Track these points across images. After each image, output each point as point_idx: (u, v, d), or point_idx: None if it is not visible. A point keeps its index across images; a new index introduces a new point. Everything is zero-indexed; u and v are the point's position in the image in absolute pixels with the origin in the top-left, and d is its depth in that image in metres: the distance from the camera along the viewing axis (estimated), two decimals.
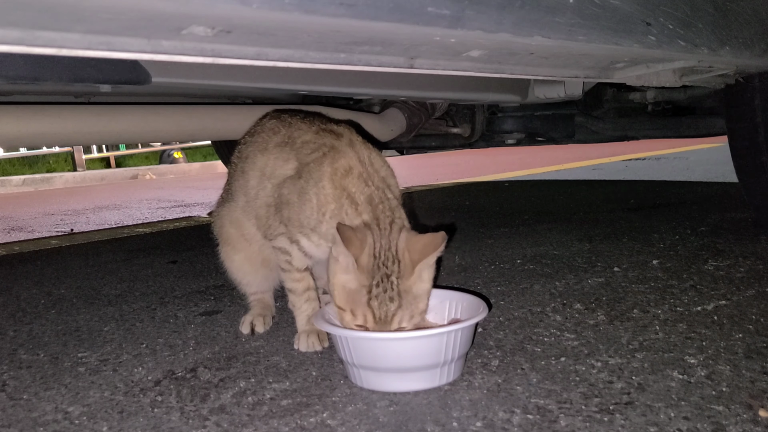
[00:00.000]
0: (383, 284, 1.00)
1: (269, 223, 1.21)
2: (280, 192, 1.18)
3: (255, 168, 1.25)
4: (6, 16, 0.74)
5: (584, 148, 7.37)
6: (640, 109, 2.58)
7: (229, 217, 1.35)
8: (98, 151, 10.60)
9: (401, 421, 0.88)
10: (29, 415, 0.99)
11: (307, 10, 0.82)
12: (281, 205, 1.17)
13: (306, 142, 1.20)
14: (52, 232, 3.65)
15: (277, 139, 1.25)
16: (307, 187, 1.12)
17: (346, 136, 1.18)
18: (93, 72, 1.08)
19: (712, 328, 1.17)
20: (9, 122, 1.55)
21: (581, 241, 2.03)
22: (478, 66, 1.27)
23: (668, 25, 1.24)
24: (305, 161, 1.16)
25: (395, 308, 1.00)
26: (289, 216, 1.16)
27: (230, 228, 1.35)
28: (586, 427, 0.84)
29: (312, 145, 1.18)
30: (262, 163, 1.24)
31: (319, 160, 1.13)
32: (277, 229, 1.19)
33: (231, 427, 0.90)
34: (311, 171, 1.13)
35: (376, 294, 1.00)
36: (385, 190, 1.10)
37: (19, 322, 1.52)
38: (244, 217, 1.30)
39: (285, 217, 1.16)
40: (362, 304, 1.00)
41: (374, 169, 1.12)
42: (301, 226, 1.14)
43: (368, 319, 1.00)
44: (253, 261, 1.35)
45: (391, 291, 1.00)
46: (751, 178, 1.99)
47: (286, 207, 1.16)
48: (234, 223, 1.34)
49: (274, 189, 1.20)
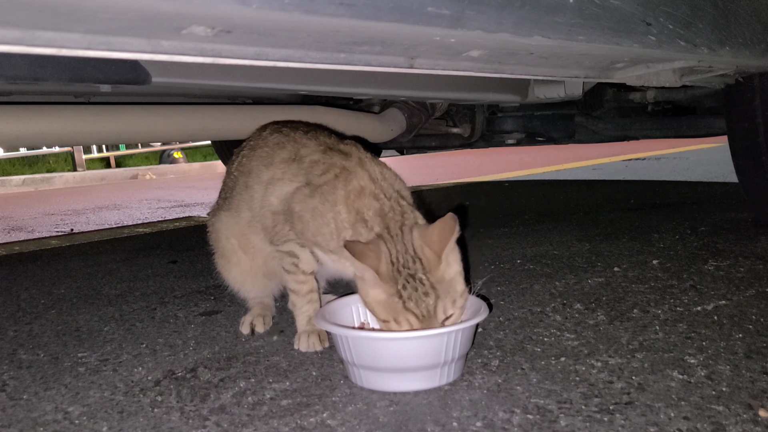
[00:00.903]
0: (412, 284, 0.99)
1: (276, 230, 1.21)
2: (289, 207, 1.18)
3: (260, 182, 1.24)
4: (6, 16, 0.74)
5: (584, 148, 7.37)
6: (640, 109, 2.58)
7: (231, 230, 1.34)
8: (98, 151, 10.60)
9: (401, 421, 0.88)
10: (29, 415, 0.99)
11: (307, 10, 0.82)
12: (293, 219, 1.17)
13: (315, 162, 1.19)
14: (52, 232, 3.65)
15: (284, 155, 1.24)
16: (323, 209, 1.12)
17: (355, 154, 1.17)
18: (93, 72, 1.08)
19: (712, 328, 1.17)
20: (9, 122, 1.55)
21: (581, 241, 2.03)
22: (478, 66, 1.27)
23: (668, 25, 1.24)
24: (317, 183, 1.16)
25: (434, 301, 0.99)
26: (302, 231, 1.16)
27: (231, 240, 1.34)
28: (586, 427, 0.84)
29: (322, 166, 1.17)
30: (268, 177, 1.23)
31: (332, 182, 1.13)
32: (287, 236, 1.19)
33: (231, 427, 0.90)
34: (325, 194, 1.13)
35: (408, 296, 0.99)
36: (398, 200, 1.10)
37: (19, 322, 1.52)
38: (251, 231, 1.29)
39: (298, 230, 1.16)
40: (400, 310, 0.99)
41: (388, 183, 1.13)
42: (317, 243, 1.15)
43: (412, 321, 0.99)
44: (255, 273, 1.35)
45: (422, 287, 1.00)
46: (751, 177, 1.99)
47: (299, 222, 1.16)
48: (237, 236, 1.33)
49: (281, 203, 1.20)
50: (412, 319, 0.98)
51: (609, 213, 2.62)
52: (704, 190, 3.26)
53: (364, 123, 2.19)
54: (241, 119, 1.92)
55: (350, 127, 2.11)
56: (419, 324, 0.98)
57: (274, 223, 1.21)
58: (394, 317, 0.99)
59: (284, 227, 1.19)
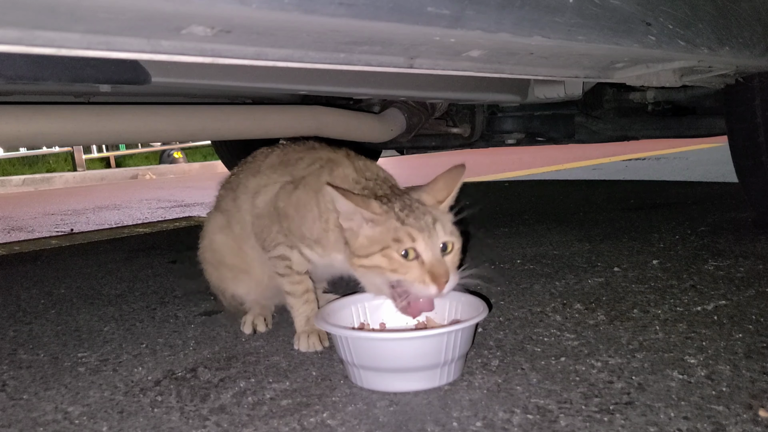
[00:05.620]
0: (408, 209, 1.00)
1: (264, 235, 1.21)
2: (275, 205, 1.18)
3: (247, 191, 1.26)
4: (5, 15, 0.74)
5: (584, 148, 7.37)
6: (640, 109, 2.58)
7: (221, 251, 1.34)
8: (98, 151, 10.60)
9: (401, 421, 0.88)
10: (29, 415, 0.99)
11: (306, 10, 0.82)
12: (279, 217, 1.17)
13: (300, 159, 1.21)
14: (52, 232, 3.65)
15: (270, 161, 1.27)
16: (306, 198, 1.12)
17: (343, 150, 1.20)
18: (93, 72, 1.08)
19: (712, 328, 1.17)
20: (9, 122, 1.55)
21: (581, 241, 2.03)
22: (478, 66, 1.27)
23: (668, 25, 1.24)
24: (301, 175, 1.17)
25: (432, 219, 1.00)
26: (289, 227, 1.16)
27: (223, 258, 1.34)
28: (586, 427, 0.84)
29: (307, 160, 1.19)
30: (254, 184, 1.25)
31: (316, 173, 1.14)
32: (276, 239, 1.19)
33: (231, 427, 0.90)
34: (309, 184, 1.13)
35: (405, 215, 0.99)
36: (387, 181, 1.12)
37: (19, 322, 1.52)
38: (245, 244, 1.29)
39: (285, 228, 1.16)
40: (399, 228, 0.98)
41: (372, 173, 1.13)
42: (302, 237, 1.15)
43: (414, 234, 0.97)
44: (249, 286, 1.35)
45: (419, 209, 1.00)
46: (751, 177, 1.99)
47: (285, 219, 1.16)
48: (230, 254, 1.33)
49: (267, 204, 1.20)
50: (414, 233, 0.97)
51: (609, 213, 2.62)
52: (704, 190, 3.26)
53: (364, 123, 2.19)
54: (241, 119, 1.91)
55: (350, 126, 2.11)
56: (420, 235, 0.97)
57: (261, 227, 1.22)
58: (394, 238, 0.97)
59: (271, 231, 1.19)
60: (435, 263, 0.98)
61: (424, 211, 1.01)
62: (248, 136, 2.00)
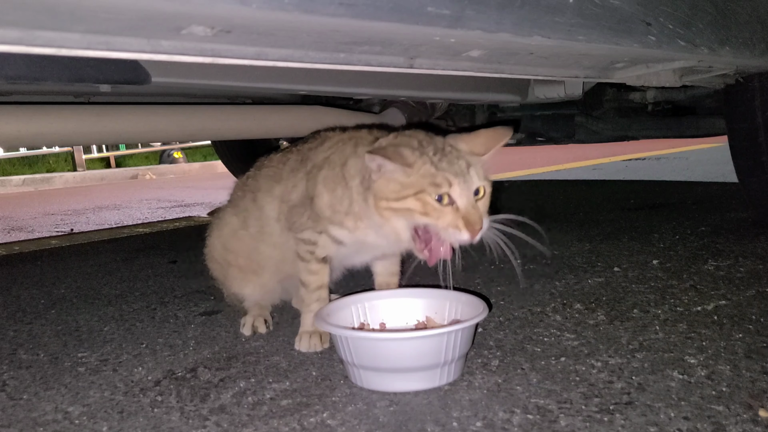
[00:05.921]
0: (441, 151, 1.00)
1: (294, 219, 1.20)
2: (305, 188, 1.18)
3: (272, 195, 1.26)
4: (5, 15, 0.74)
5: (584, 148, 7.37)
6: (640, 109, 2.58)
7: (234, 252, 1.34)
8: (98, 151, 10.59)
9: (401, 421, 0.88)
10: (29, 415, 0.99)
11: (306, 10, 0.82)
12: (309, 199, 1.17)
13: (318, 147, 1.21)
14: (52, 232, 3.65)
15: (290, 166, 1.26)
16: (333, 174, 1.12)
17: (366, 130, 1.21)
18: (93, 72, 1.08)
19: (712, 328, 1.17)
20: (9, 122, 1.55)
21: (581, 241, 2.03)
22: (478, 66, 1.27)
23: (668, 25, 1.24)
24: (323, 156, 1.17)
25: (466, 164, 1.00)
26: (320, 208, 1.14)
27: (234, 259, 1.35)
28: (586, 427, 0.84)
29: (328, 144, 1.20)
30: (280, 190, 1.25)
31: (341, 148, 1.15)
32: (305, 224, 1.18)
33: (231, 427, 0.90)
34: (333, 161, 1.14)
35: (439, 159, 0.99)
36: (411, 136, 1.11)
37: (19, 322, 1.52)
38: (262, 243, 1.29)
39: (315, 212, 1.15)
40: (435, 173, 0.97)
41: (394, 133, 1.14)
42: (334, 214, 1.13)
43: (449, 178, 0.97)
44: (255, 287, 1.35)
45: (451, 152, 1.00)
46: (751, 177, 1.99)
47: (316, 199, 1.15)
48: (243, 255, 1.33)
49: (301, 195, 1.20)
50: (449, 177, 0.97)
51: (609, 213, 2.62)
52: (704, 190, 3.26)
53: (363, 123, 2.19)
54: (241, 119, 1.92)
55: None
56: (456, 179, 0.97)
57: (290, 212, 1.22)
58: (431, 182, 0.97)
59: (303, 215, 1.18)
60: (470, 210, 0.98)
61: (457, 156, 1.01)
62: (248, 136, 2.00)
